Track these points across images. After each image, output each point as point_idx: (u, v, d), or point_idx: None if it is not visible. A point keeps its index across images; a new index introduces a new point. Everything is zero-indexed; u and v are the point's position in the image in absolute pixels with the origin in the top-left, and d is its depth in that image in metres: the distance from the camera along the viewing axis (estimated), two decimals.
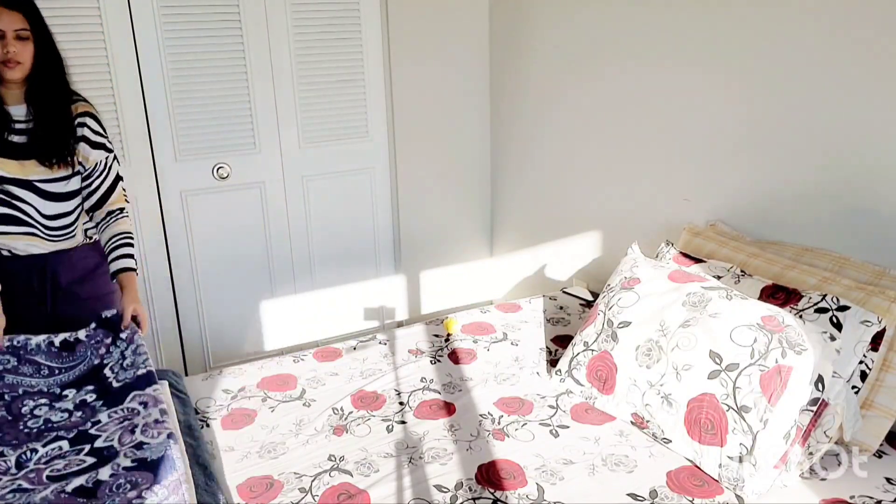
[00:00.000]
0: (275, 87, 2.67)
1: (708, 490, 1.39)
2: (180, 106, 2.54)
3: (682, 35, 2.14)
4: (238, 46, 2.57)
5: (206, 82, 2.56)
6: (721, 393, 1.43)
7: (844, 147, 1.75)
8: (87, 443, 1.40)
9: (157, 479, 1.26)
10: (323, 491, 1.41)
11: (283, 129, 2.73)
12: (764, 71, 1.91)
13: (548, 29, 2.72)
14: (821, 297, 1.54)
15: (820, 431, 1.42)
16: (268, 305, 2.89)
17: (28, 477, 1.30)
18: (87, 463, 1.34)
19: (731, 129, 2.04)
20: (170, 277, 2.69)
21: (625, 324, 1.67)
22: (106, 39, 2.37)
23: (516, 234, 3.20)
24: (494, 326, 2.20)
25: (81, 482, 1.27)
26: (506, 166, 3.16)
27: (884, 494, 1.36)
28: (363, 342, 2.12)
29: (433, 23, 2.92)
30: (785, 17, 1.83)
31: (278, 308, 2.92)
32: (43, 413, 1.52)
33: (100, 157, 1.79)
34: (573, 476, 1.44)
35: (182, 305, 2.73)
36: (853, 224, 1.76)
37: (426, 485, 1.42)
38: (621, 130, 2.45)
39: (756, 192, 2.00)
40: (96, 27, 2.34)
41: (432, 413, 1.70)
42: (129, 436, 1.40)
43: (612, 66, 2.44)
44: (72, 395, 1.58)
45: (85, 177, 1.79)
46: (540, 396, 1.77)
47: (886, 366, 1.53)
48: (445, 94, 3.04)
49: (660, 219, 2.32)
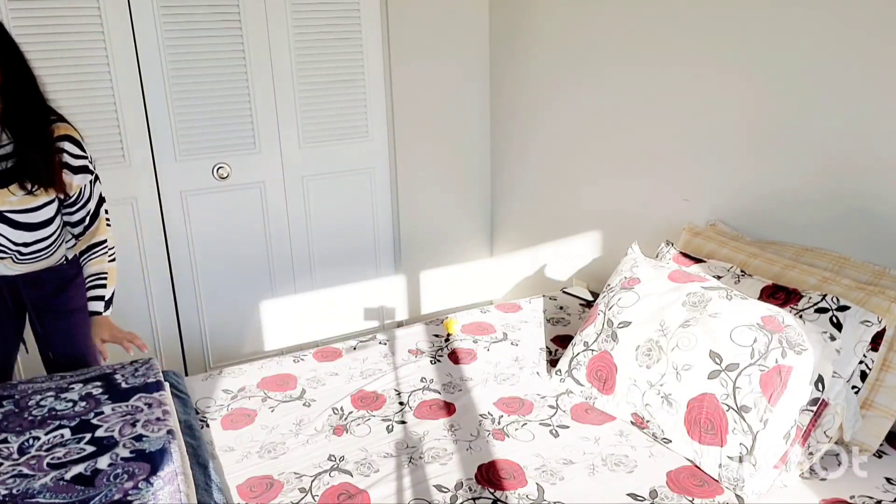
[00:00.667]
0: (275, 87, 2.67)
1: (708, 490, 1.39)
2: (180, 106, 2.54)
3: (682, 35, 2.14)
4: (238, 46, 2.57)
5: (206, 82, 2.56)
6: (721, 393, 1.43)
7: (844, 147, 1.75)
8: (89, 432, 1.42)
9: (153, 471, 1.28)
10: (323, 491, 1.41)
11: (284, 128, 2.73)
12: (764, 71, 1.91)
13: (548, 29, 2.72)
14: (821, 297, 1.54)
15: (820, 431, 1.42)
16: (268, 305, 2.90)
17: (29, 463, 1.32)
18: (86, 451, 1.36)
19: (732, 129, 2.04)
20: (170, 278, 2.69)
21: (625, 324, 1.67)
22: (106, 39, 2.36)
23: (516, 234, 3.20)
24: (494, 326, 2.20)
25: (80, 470, 1.29)
26: (506, 166, 3.16)
27: (884, 494, 1.36)
28: (363, 342, 2.12)
29: (433, 23, 2.92)
30: (785, 16, 1.83)
31: (278, 308, 2.92)
32: (48, 403, 1.54)
33: (83, 181, 1.70)
34: (573, 476, 1.44)
35: (182, 305, 2.73)
36: (853, 224, 1.76)
37: (426, 485, 1.42)
38: (621, 130, 2.45)
39: (756, 192, 2.00)
40: (96, 27, 2.34)
41: (432, 413, 1.70)
42: (129, 428, 1.43)
43: (612, 66, 2.44)
44: (78, 388, 1.61)
45: (69, 204, 1.71)
46: (540, 396, 1.77)
47: (886, 366, 1.53)
48: (445, 94, 3.04)
49: (660, 219, 2.32)
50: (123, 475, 1.27)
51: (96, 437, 1.40)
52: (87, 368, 1.75)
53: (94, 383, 1.63)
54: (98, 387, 1.61)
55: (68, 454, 1.35)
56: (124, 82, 2.43)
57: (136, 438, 1.39)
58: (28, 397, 1.57)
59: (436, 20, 2.92)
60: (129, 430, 1.42)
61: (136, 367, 1.73)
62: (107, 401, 1.55)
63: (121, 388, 1.61)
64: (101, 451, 1.35)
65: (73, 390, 1.60)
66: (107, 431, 1.42)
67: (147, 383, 1.63)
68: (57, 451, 1.36)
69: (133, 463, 1.31)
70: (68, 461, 1.33)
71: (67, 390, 1.60)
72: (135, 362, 1.77)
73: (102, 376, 1.67)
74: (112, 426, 1.44)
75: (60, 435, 1.42)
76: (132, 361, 1.78)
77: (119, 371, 1.70)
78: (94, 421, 1.46)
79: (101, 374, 1.68)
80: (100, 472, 1.29)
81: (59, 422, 1.46)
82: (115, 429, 1.43)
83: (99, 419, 1.47)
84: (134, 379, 1.65)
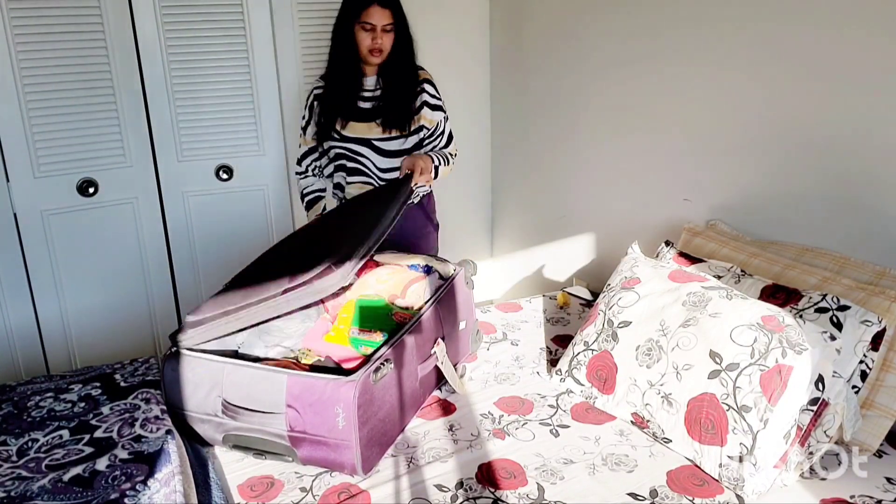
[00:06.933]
0: (280, 90, 2.67)
1: (708, 490, 1.39)
2: (182, 107, 2.54)
3: (682, 35, 2.14)
4: (242, 47, 2.57)
5: (207, 83, 2.56)
6: (721, 393, 1.43)
7: (845, 147, 1.75)
8: (87, 433, 1.42)
9: (151, 472, 1.28)
10: (323, 491, 1.41)
11: (287, 131, 2.73)
12: (764, 71, 1.91)
13: (548, 30, 2.72)
14: (821, 296, 1.54)
15: (820, 431, 1.42)
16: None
17: (28, 466, 1.32)
18: (85, 452, 1.36)
19: (731, 129, 2.04)
20: (170, 278, 2.69)
21: (625, 323, 1.67)
22: (107, 39, 2.37)
23: (516, 234, 3.20)
24: (494, 326, 2.19)
25: (78, 471, 1.29)
26: (506, 166, 3.16)
27: (884, 494, 1.36)
28: None
29: (433, 23, 2.92)
30: (784, 16, 1.83)
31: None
32: (48, 404, 1.55)
33: (438, 117, 2.12)
34: (573, 475, 1.44)
35: (183, 306, 2.73)
36: (853, 224, 1.76)
37: (426, 485, 1.42)
38: (621, 130, 2.45)
39: (756, 192, 2.00)
40: (97, 27, 2.34)
41: (432, 413, 1.70)
42: (128, 428, 1.43)
43: (612, 66, 2.44)
44: (77, 388, 1.61)
45: (428, 136, 2.10)
46: (540, 396, 1.77)
47: (887, 365, 1.53)
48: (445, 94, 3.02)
49: (660, 219, 2.32)
50: (122, 477, 1.27)
51: (95, 438, 1.40)
52: (87, 368, 1.75)
53: (93, 384, 1.63)
54: (97, 387, 1.61)
55: (67, 455, 1.35)
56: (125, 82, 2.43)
57: (134, 439, 1.38)
58: (27, 398, 1.57)
59: (436, 20, 2.92)
60: (128, 430, 1.42)
61: (136, 366, 1.73)
62: (105, 401, 1.55)
63: (120, 387, 1.61)
64: (100, 452, 1.35)
65: (73, 391, 1.60)
66: (105, 432, 1.42)
67: (146, 381, 1.62)
68: (56, 453, 1.36)
69: (131, 464, 1.30)
70: (67, 462, 1.32)
71: (67, 391, 1.60)
72: (135, 361, 1.77)
73: (102, 376, 1.67)
74: (111, 426, 1.44)
75: (59, 436, 1.42)
76: (132, 360, 1.78)
77: (119, 371, 1.70)
78: (93, 422, 1.46)
79: (101, 375, 1.68)
80: (98, 473, 1.28)
81: (58, 423, 1.46)
82: (114, 429, 1.43)
83: (97, 420, 1.47)
84: (133, 378, 1.65)
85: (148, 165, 2.55)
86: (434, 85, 2.10)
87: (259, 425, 1.44)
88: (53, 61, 2.30)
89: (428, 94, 2.09)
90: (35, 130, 2.32)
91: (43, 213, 2.41)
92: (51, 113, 2.34)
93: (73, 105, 2.37)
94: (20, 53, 2.25)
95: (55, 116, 2.35)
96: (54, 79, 2.32)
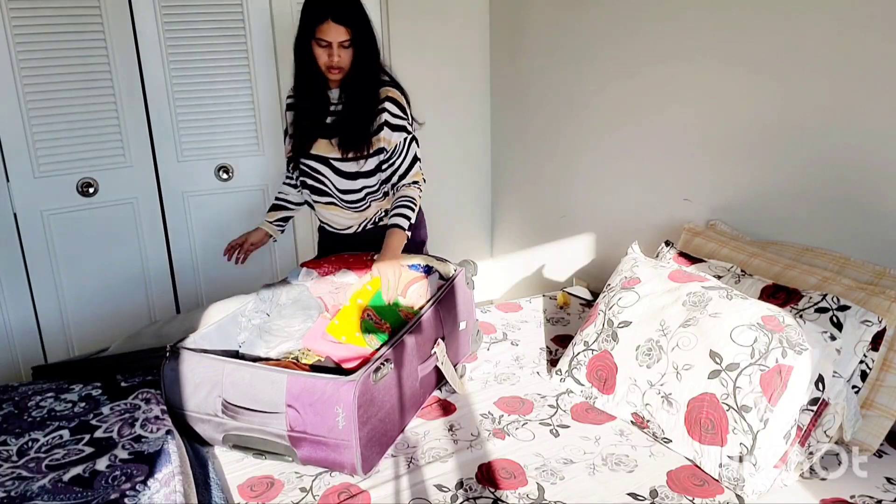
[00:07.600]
0: (280, 90, 2.67)
1: (708, 490, 1.39)
2: (182, 107, 2.54)
3: (683, 35, 2.14)
4: (242, 47, 2.57)
5: (207, 83, 2.56)
6: (721, 393, 1.43)
7: (845, 147, 1.75)
8: (88, 433, 1.42)
9: (151, 472, 1.28)
10: (323, 491, 1.41)
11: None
12: (765, 71, 1.91)
13: (548, 28, 2.72)
14: (821, 296, 1.54)
15: (820, 431, 1.42)
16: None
17: (28, 466, 1.32)
18: (85, 453, 1.35)
19: (731, 129, 2.04)
20: (171, 278, 2.69)
21: (625, 323, 1.67)
22: (107, 39, 2.37)
23: (516, 234, 3.20)
24: (494, 326, 2.19)
25: (78, 472, 1.29)
26: (506, 166, 3.16)
27: (884, 494, 1.36)
28: None
29: (433, 22, 2.92)
30: (785, 16, 1.83)
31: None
32: (48, 404, 1.54)
33: (398, 139, 1.91)
34: (573, 475, 1.44)
35: (183, 306, 2.73)
36: (853, 224, 1.76)
37: (426, 485, 1.42)
38: (621, 130, 2.45)
39: (756, 191, 2.00)
40: (97, 27, 2.34)
41: (432, 413, 1.70)
42: (128, 428, 1.43)
43: (612, 65, 2.44)
44: (78, 388, 1.61)
45: (387, 158, 1.93)
46: (540, 396, 1.77)
47: (887, 365, 1.53)
48: (445, 94, 3.03)
49: (660, 219, 2.32)
50: (122, 477, 1.27)
51: (95, 438, 1.40)
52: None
53: (93, 383, 1.63)
54: (97, 387, 1.61)
55: (67, 455, 1.34)
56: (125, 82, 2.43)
57: (134, 439, 1.38)
58: (28, 398, 1.57)
59: (436, 19, 2.92)
60: (128, 430, 1.42)
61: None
62: (105, 401, 1.55)
63: (120, 387, 1.61)
64: (100, 452, 1.35)
65: (73, 391, 1.60)
66: (105, 432, 1.42)
67: (146, 381, 1.62)
68: (56, 453, 1.35)
69: (131, 464, 1.30)
70: (67, 462, 1.32)
71: (67, 391, 1.60)
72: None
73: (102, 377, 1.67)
74: (111, 426, 1.44)
75: (59, 436, 1.41)
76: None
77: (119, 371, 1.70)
78: (93, 422, 1.46)
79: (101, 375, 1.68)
80: (98, 473, 1.28)
81: (59, 423, 1.46)
82: (114, 429, 1.43)
83: (97, 420, 1.47)
84: (133, 377, 1.65)
85: (148, 165, 2.55)
86: (398, 103, 1.90)
87: (259, 425, 1.44)
88: (53, 61, 2.30)
89: (389, 114, 1.89)
90: (35, 130, 2.33)
91: (43, 213, 2.41)
92: (51, 113, 2.34)
93: (73, 105, 2.37)
94: (20, 53, 2.25)
95: (55, 116, 2.35)
96: (54, 79, 2.32)
